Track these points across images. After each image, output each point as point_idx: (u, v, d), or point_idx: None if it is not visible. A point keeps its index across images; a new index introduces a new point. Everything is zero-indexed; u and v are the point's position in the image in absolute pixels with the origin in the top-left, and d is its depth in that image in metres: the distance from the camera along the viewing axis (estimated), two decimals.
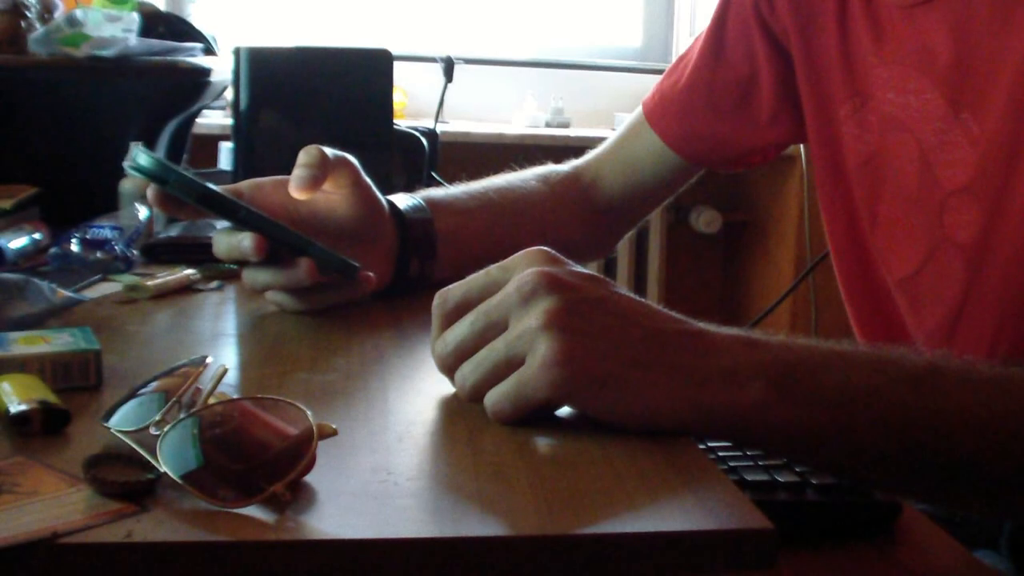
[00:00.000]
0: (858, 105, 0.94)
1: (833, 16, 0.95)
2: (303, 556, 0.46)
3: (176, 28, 1.35)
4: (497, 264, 0.63)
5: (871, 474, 0.64)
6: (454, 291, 0.64)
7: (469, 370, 0.61)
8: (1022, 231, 0.80)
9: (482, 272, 0.64)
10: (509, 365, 0.58)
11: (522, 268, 0.61)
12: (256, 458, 0.50)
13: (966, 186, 0.84)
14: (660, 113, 1.10)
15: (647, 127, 1.10)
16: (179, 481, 0.49)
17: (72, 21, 1.19)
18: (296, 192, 0.81)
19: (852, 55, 0.94)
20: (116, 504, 0.47)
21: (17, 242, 1.00)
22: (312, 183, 0.81)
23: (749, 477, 0.69)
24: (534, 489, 0.51)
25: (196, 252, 1.03)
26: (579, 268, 0.62)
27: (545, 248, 0.63)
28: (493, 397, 0.59)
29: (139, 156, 0.77)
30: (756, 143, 1.09)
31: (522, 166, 1.13)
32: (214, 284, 0.95)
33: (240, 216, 0.79)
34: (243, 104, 1.21)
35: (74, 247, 0.97)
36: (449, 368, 0.63)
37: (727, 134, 1.07)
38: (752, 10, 1.02)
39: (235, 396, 0.58)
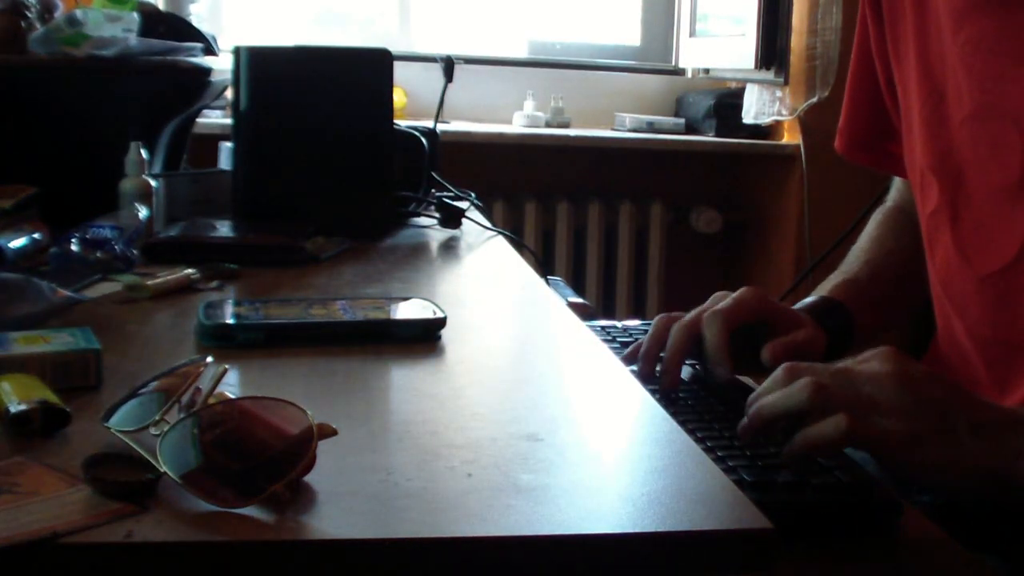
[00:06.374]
0: (936, 102, 0.93)
1: (911, 4, 0.95)
2: (303, 556, 0.46)
3: (176, 28, 1.35)
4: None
5: None
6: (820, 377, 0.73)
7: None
8: None
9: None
10: None
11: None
12: (256, 458, 0.50)
13: None
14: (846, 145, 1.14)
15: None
16: (179, 481, 0.49)
17: (72, 21, 1.19)
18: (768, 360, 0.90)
19: (928, 47, 0.93)
20: (116, 504, 0.47)
21: (17, 242, 1.00)
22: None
23: (749, 477, 0.69)
24: (534, 489, 0.51)
25: (196, 252, 1.03)
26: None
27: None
28: None
29: None
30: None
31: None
32: (214, 284, 0.95)
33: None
34: (243, 104, 1.21)
35: (74, 247, 0.97)
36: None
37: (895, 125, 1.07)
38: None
39: (235, 396, 0.58)
